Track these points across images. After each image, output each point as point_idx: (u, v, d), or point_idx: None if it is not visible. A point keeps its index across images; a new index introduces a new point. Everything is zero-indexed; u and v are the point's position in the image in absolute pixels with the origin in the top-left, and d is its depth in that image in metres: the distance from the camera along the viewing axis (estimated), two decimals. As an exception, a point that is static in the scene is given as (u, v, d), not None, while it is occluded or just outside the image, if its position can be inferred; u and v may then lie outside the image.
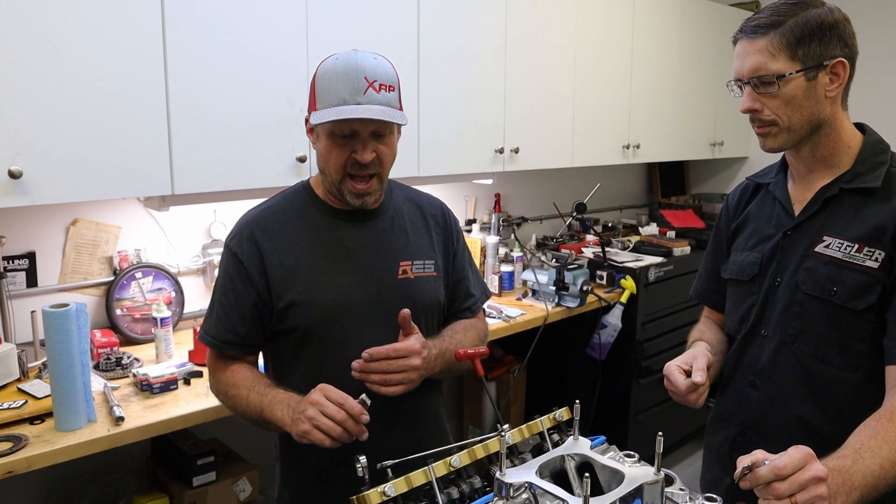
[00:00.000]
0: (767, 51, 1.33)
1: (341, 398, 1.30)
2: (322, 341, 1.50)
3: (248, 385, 1.47)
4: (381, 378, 1.37)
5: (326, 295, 1.49)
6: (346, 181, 1.46)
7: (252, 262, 1.49)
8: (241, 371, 1.51)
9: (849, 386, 1.37)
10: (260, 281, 1.49)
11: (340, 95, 1.38)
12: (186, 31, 2.03)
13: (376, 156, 1.44)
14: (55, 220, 2.29)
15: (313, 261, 1.50)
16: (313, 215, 1.54)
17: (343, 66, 1.40)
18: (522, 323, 2.87)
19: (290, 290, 1.48)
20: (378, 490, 1.10)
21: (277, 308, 1.49)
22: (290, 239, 1.51)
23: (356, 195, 1.47)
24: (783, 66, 1.33)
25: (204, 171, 2.12)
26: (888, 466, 1.11)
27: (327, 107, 1.39)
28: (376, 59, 1.43)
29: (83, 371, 1.75)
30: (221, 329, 1.51)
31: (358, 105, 1.38)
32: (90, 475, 2.29)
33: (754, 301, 1.51)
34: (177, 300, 2.50)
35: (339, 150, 1.43)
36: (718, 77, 4.19)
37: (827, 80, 1.34)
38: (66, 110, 1.85)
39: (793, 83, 1.33)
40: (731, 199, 1.67)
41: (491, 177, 3.08)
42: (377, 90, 1.39)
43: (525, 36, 3.02)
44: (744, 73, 1.38)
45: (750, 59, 1.36)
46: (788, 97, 1.34)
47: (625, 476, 1.08)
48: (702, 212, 4.63)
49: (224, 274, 1.53)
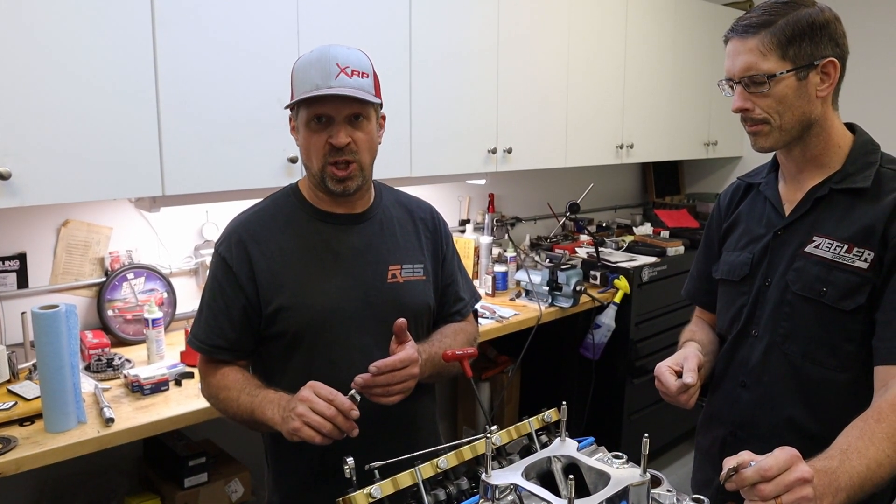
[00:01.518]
0: (758, 50, 1.33)
1: (331, 394, 1.30)
2: (311, 346, 1.50)
3: (238, 387, 1.46)
4: (384, 389, 1.36)
5: (315, 299, 1.49)
6: (326, 168, 1.46)
7: (241, 267, 1.49)
8: (231, 374, 1.50)
9: (838, 387, 1.38)
10: (249, 286, 1.49)
11: (313, 81, 1.41)
12: (177, 30, 2.02)
13: (352, 141, 1.44)
14: (46, 221, 2.28)
15: (302, 265, 1.50)
16: (302, 219, 1.54)
17: (316, 56, 1.43)
18: (516, 323, 2.86)
19: (278, 295, 1.48)
20: (364, 492, 1.09)
21: (266, 313, 1.49)
22: (279, 243, 1.51)
23: (337, 181, 1.46)
24: (774, 65, 1.33)
25: (195, 172, 2.11)
26: (874, 467, 1.11)
27: (301, 95, 1.42)
28: (349, 49, 1.46)
29: (73, 372, 1.74)
30: (211, 334, 1.51)
31: (329, 88, 1.39)
32: (81, 476, 2.28)
33: (745, 301, 1.51)
34: (169, 301, 2.49)
35: (315, 136, 1.45)
36: (712, 77, 4.19)
37: (818, 79, 1.35)
38: (56, 111, 1.84)
39: (783, 83, 1.33)
40: (722, 199, 1.67)
41: (484, 177, 3.08)
42: (349, 75, 1.42)
43: (518, 35, 3.02)
44: (735, 72, 1.37)
45: (741, 58, 1.36)
46: (779, 97, 1.34)
47: (611, 477, 1.08)
48: (696, 211, 4.63)
49: (213, 279, 1.53)
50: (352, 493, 1.09)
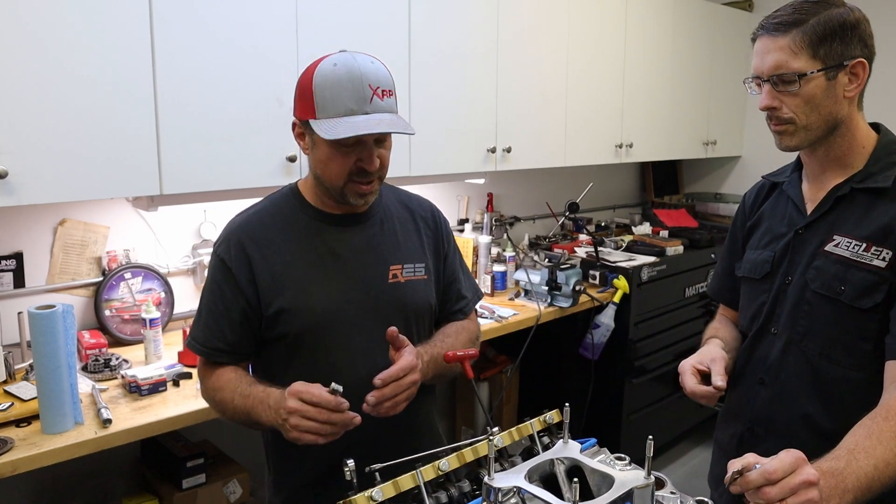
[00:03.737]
0: (790, 48, 1.33)
1: (316, 398, 1.27)
2: (313, 348, 1.49)
3: (231, 387, 1.45)
4: (392, 402, 1.34)
5: (316, 301, 1.48)
6: (349, 185, 1.45)
7: (240, 269, 1.47)
8: (225, 374, 1.49)
9: (854, 385, 1.37)
10: (249, 288, 1.47)
11: (347, 105, 1.36)
12: (175, 27, 2.00)
13: (379, 161, 1.44)
14: (43, 220, 2.26)
15: (302, 267, 1.49)
16: (302, 220, 1.53)
17: (345, 74, 1.37)
18: (515, 323, 2.86)
19: (279, 297, 1.47)
20: (365, 495, 1.09)
21: (267, 315, 1.48)
22: (279, 245, 1.50)
23: (360, 195, 1.47)
24: (804, 64, 1.32)
25: (193, 171, 2.10)
26: (882, 467, 1.10)
27: (332, 117, 1.37)
28: (373, 62, 1.41)
29: (70, 373, 1.73)
30: (210, 336, 1.50)
31: (366, 115, 1.36)
32: (78, 477, 2.27)
33: (765, 299, 1.52)
34: (166, 301, 2.48)
35: (343, 158, 1.42)
36: (711, 76, 4.19)
37: (846, 80, 1.34)
38: (53, 109, 1.83)
39: (813, 82, 1.33)
40: (747, 198, 1.68)
41: (483, 176, 3.07)
42: (381, 97, 1.38)
43: (517, 35, 3.01)
44: (764, 70, 1.37)
45: (771, 56, 1.35)
46: (808, 96, 1.34)
47: (615, 480, 1.07)
48: (695, 211, 4.63)
49: (212, 281, 1.51)
50: (353, 495, 1.08)
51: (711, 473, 1.70)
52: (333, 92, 1.36)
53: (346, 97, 1.36)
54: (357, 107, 1.36)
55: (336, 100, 1.36)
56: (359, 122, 1.35)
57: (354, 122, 1.35)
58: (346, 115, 1.36)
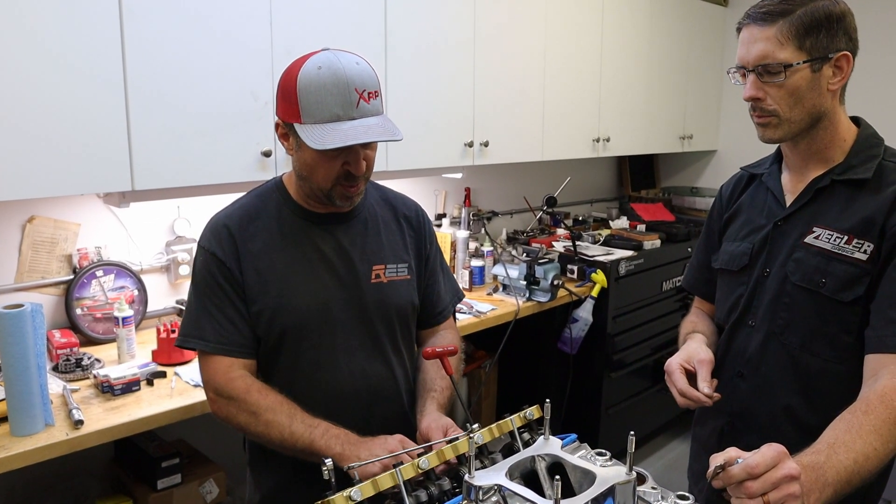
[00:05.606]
0: (776, 39, 1.32)
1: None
2: (296, 347, 1.47)
3: (286, 412, 1.38)
4: None
5: (300, 300, 1.46)
6: (336, 188, 1.43)
7: (232, 262, 1.45)
8: (270, 394, 1.41)
9: (836, 378, 1.38)
10: (240, 279, 1.46)
11: (332, 111, 1.33)
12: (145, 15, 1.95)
13: (365, 163, 1.43)
14: (10, 218, 2.21)
15: (286, 265, 1.47)
16: (287, 217, 1.51)
17: (330, 78, 1.33)
18: (493, 318, 2.85)
19: (263, 295, 1.45)
20: (344, 494, 1.07)
21: (251, 312, 1.46)
22: (264, 242, 1.48)
23: (346, 198, 1.46)
24: (790, 55, 1.32)
25: (165, 166, 2.05)
26: (862, 461, 1.11)
27: (318, 122, 1.34)
28: (359, 63, 1.38)
29: (39, 373, 1.69)
30: (222, 331, 1.44)
31: (353, 121, 1.34)
32: (51, 479, 2.23)
33: (743, 291, 1.51)
34: (139, 299, 2.43)
35: (329, 163, 1.40)
36: (688, 71, 4.21)
37: (830, 73, 1.34)
38: (17, 102, 1.77)
39: (798, 74, 1.33)
40: (724, 189, 1.67)
41: (460, 171, 3.05)
42: (367, 100, 1.36)
43: (495, 29, 2.99)
44: (749, 60, 1.36)
45: (757, 46, 1.34)
46: (792, 88, 1.34)
47: (596, 476, 1.06)
48: (671, 205, 4.65)
49: (206, 275, 1.47)
50: (330, 495, 1.06)
51: (691, 469, 1.69)
52: (319, 97, 1.33)
53: (332, 102, 1.33)
54: (343, 112, 1.34)
55: (322, 105, 1.33)
56: (346, 131, 1.33)
57: (342, 129, 1.33)
58: (332, 121, 1.34)
